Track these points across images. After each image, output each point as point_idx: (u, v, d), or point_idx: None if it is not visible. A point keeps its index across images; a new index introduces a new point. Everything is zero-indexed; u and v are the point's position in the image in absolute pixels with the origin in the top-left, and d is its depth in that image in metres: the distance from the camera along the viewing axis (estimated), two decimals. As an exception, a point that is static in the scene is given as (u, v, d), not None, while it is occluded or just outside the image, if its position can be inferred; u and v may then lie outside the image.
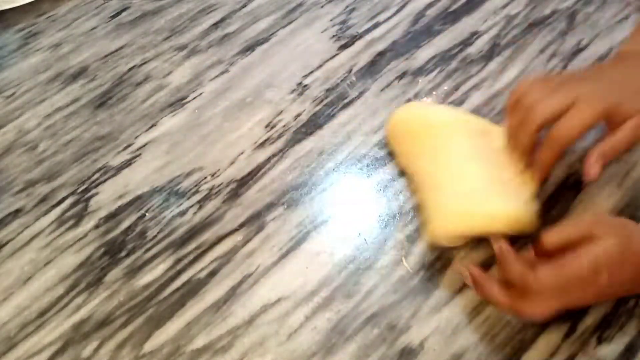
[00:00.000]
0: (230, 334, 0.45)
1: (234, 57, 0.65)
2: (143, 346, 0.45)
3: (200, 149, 0.57)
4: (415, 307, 0.45)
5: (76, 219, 0.53)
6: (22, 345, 0.46)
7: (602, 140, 0.43)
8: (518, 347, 0.43)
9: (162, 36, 0.68)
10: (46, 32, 0.70)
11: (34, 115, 0.62)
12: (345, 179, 0.53)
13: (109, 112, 0.61)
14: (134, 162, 0.57)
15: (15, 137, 0.60)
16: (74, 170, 0.57)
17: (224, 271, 0.49)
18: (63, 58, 0.67)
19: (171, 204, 0.53)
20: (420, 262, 0.47)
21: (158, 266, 0.49)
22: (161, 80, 0.64)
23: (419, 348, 0.43)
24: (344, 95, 0.60)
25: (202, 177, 0.55)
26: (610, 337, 0.42)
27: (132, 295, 0.48)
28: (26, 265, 0.50)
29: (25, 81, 0.65)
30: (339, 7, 0.69)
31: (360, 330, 0.44)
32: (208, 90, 0.62)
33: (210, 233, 0.51)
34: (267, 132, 0.58)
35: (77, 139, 0.59)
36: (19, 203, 0.55)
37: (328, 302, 0.46)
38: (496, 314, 0.44)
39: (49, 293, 0.49)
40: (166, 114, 0.61)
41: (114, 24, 0.70)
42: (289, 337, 0.45)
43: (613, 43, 0.60)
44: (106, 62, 0.66)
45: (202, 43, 0.67)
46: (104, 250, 0.51)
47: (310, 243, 0.50)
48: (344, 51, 0.64)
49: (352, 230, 0.50)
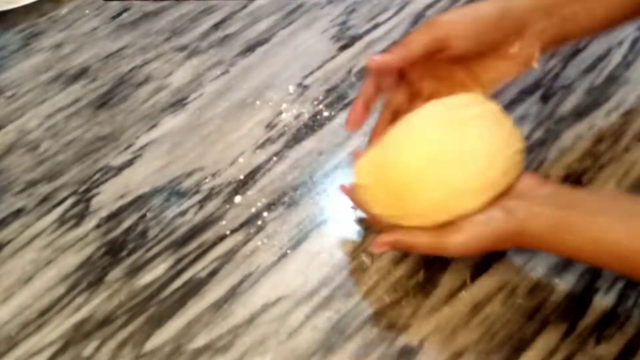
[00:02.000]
0: (230, 333, 0.45)
1: (234, 57, 0.65)
2: (144, 345, 0.45)
3: (201, 149, 0.57)
4: (415, 306, 0.45)
5: (77, 218, 0.53)
6: (23, 344, 0.46)
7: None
8: (517, 346, 0.43)
9: (163, 37, 0.69)
10: (47, 33, 0.70)
11: (35, 115, 0.62)
12: (345, 179, 0.54)
13: (110, 112, 0.62)
14: (135, 162, 0.57)
15: (16, 137, 0.60)
16: (75, 170, 0.57)
17: (224, 271, 0.49)
18: (64, 58, 0.67)
19: (172, 204, 0.53)
20: (420, 262, 0.47)
21: (159, 266, 0.49)
22: (162, 80, 0.64)
23: (419, 347, 0.43)
24: (344, 96, 0.60)
25: (202, 177, 0.55)
26: (609, 336, 0.43)
27: (133, 294, 0.48)
28: (27, 265, 0.50)
29: (26, 81, 0.65)
30: (339, 8, 0.69)
31: (360, 329, 0.44)
32: (208, 91, 0.62)
33: (211, 233, 0.51)
34: (268, 133, 0.58)
35: (78, 139, 0.59)
36: (20, 203, 0.55)
37: (328, 301, 0.46)
38: (496, 313, 0.44)
39: (49, 293, 0.49)
40: (167, 115, 0.61)
41: (115, 25, 0.70)
42: (289, 336, 0.45)
43: (612, 44, 0.60)
44: (107, 63, 0.66)
45: (202, 44, 0.67)
46: (105, 250, 0.51)
47: (310, 243, 0.50)
48: (343, 52, 0.64)
49: (352, 230, 0.50)
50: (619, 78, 0.57)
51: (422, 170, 0.42)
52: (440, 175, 0.41)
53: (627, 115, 0.56)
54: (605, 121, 0.55)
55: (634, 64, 0.58)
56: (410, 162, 0.42)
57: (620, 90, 0.57)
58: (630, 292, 0.45)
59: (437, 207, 0.41)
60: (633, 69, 0.58)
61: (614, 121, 0.55)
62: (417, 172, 0.42)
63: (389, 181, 0.43)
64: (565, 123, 0.55)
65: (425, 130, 0.43)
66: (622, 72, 0.58)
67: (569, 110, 0.56)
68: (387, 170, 0.43)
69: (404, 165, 0.42)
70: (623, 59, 0.59)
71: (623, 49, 0.60)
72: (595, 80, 0.58)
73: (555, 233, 0.39)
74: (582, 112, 0.56)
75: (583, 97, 0.57)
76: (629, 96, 0.57)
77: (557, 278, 0.46)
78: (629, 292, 0.45)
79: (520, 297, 0.45)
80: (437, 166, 0.41)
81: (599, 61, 0.59)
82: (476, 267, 0.47)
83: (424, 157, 0.42)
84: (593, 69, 0.58)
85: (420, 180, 0.42)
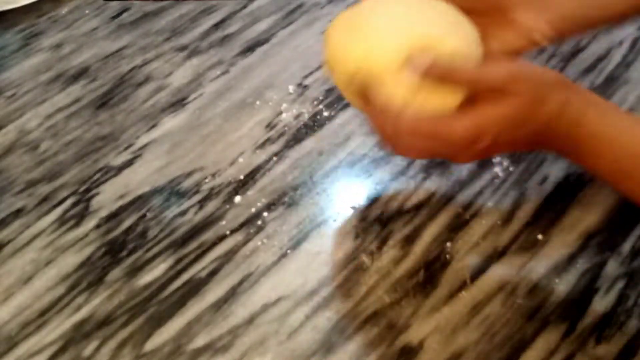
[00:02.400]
0: (230, 333, 0.45)
1: (234, 57, 0.65)
2: (144, 345, 0.45)
3: (201, 149, 0.57)
4: (415, 306, 0.45)
5: (77, 219, 0.53)
6: (23, 344, 0.46)
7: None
8: (517, 346, 0.43)
9: (163, 37, 0.69)
10: (47, 33, 0.70)
11: (35, 115, 0.62)
12: (345, 179, 0.54)
13: (110, 112, 0.62)
14: (134, 162, 0.57)
15: (16, 137, 0.60)
16: (75, 170, 0.57)
17: (224, 271, 0.49)
18: (64, 58, 0.67)
19: (172, 204, 0.53)
20: (420, 262, 0.47)
21: (159, 266, 0.49)
22: (162, 80, 0.64)
23: (419, 347, 0.43)
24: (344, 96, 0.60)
25: (202, 177, 0.55)
26: (609, 336, 0.43)
27: (133, 294, 0.48)
28: (27, 265, 0.50)
29: (26, 81, 0.65)
30: (339, 7, 0.69)
31: (360, 329, 0.44)
32: (208, 91, 0.62)
33: (211, 233, 0.51)
34: (268, 133, 0.58)
35: (78, 139, 0.59)
36: (20, 203, 0.55)
37: (328, 301, 0.46)
38: (496, 313, 0.44)
39: (49, 293, 0.49)
40: (167, 115, 0.61)
41: (115, 25, 0.70)
42: (289, 336, 0.45)
43: (612, 44, 0.60)
44: (107, 63, 0.66)
45: (202, 44, 0.67)
46: (105, 250, 0.51)
47: (310, 243, 0.50)
48: (344, 52, 0.64)
49: (352, 230, 0.50)
50: (619, 78, 0.57)
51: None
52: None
53: (627, 115, 0.56)
54: (605, 121, 0.55)
55: (634, 64, 0.58)
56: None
57: (621, 90, 0.57)
58: (630, 292, 0.45)
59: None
60: (633, 69, 0.58)
61: (614, 121, 0.55)
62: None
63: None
64: (565, 123, 0.55)
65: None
66: (622, 72, 0.58)
67: (569, 110, 0.56)
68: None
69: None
70: (623, 59, 0.59)
71: (623, 49, 0.60)
72: (595, 80, 0.58)
73: (580, 127, 0.37)
74: (582, 112, 0.56)
75: (583, 97, 0.57)
76: (629, 96, 0.57)
77: (557, 278, 0.46)
78: (629, 292, 0.45)
79: (520, 297, 0.45)
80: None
81: (599, 61, 0.59)
82: (476, 267, 0.47)
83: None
84: (593, 69, 0.58)
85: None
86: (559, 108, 0.38)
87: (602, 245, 0.47)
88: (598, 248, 0.47)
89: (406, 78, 0.39)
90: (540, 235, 0.48)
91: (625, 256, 0.47)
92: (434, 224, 0.50)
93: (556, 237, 0.48)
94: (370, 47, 0.40)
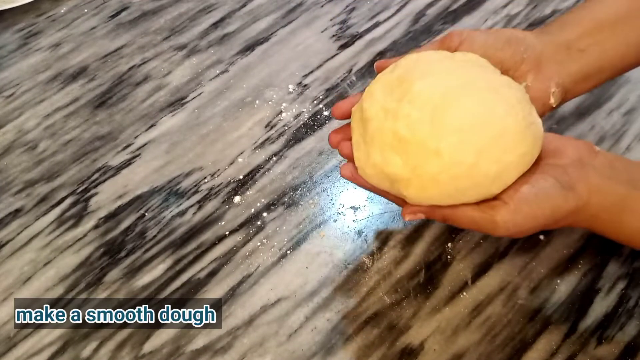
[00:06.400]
0: (229, 334, 0.45)
1: (233, 56, 0.65)
2: (143, 346, 0.45)
3: (200, 148, 0.57)
4: (416, 307, 0.45)
5: (76, 219, 0.53)
6: (22, 345, 0.46)
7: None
8: (518, 347, 0.43)
9: (162, 36, 0.68)
10: (46, 32, 0.70)
11: (34, 115, 0.62)
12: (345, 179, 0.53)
13: (108, 112, 0.61)
14: (133, 162, 0.57)
15: (14, 137, 0.60)
16: (73, 170, 0.57)
17: (223, 271, 0.48)
18: (62, 58, 0.67)
19: (171, 204, 0.53)
20: (421, 262, 0.47)
21: (158, 266, 0.49)
22: (161, 80, 0.64)
23: (419, 348, 0.43)
24: (344, 95, 0.60)
25: (201, 177, 0.55)
26: (610, 337, 0.43)
27: (132, 295, 0.48)
28: (26, 265, 0.50)
29: (24, 81, 0.65)
30: (339, 6, 0.69)
31: (360, 330, 0.44)
32: (208, 90, 0.62)
33: (210, 233, 0.51)
34: (267, 132, 0.58)
35: (76, 139, 0.59)
36: (18, 203, 0.55)
37: (328, 302, 0.46)
38: (497, 314, 0.44)
39: (48, 293, 0.48)
40: (166, 114, 0.60)
41: (114, 24, 0.70)
42: (288, 337, 0.45)
43: (613, 43, 0.60)
44: (106, 62, 0.66)
45: (201, 43, 0.67)
46: (104, 251, 0.51)
47: (310, 243, 0.49)
48: (344, 51, 0.64)
49: (352, 230, 0.50)
50: (619, 78, 0.57)
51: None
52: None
53: (628, 115, 0.56)
54: (607, 121, 0.55)
55: (635, 63, 0.58)
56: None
57: (622, 90, 0.57)
58: (631, 292, 0.45)
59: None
60: (634, 69, 0.57)
61: (615, 121, 0.55)
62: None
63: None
64: (566, 123, 0.55)
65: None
66: (624, 71, 0.57)
67: (571, 110, 0.56)
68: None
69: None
70: (624, 58, 0.58)
71: (624, 48, 0.59)
72: (597, 79, 0.57)
73: (618, 213, 0.36)
74: (583, 112, 0.56)
75: (584, 97, 0.56)
76: (630, 96, 0.56)
77: (558, 279, 0.46)
78: (630, 292, 0.45)
79: (522, 297, 0.45)
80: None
81: (600, 60, 0.59)
82: (477, 267, 0.47)
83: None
84: (594, 68, 0.58)
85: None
86: (570, 223, 0.38)
87: (603, 245, 0.47)
88: (599, 249, 0.47)
89: None
90: (541, 236, 0.48)
91: (626, 257, 0.47)
92: (434, 225, 0.49)
93: (557, 238, 0.48)
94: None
